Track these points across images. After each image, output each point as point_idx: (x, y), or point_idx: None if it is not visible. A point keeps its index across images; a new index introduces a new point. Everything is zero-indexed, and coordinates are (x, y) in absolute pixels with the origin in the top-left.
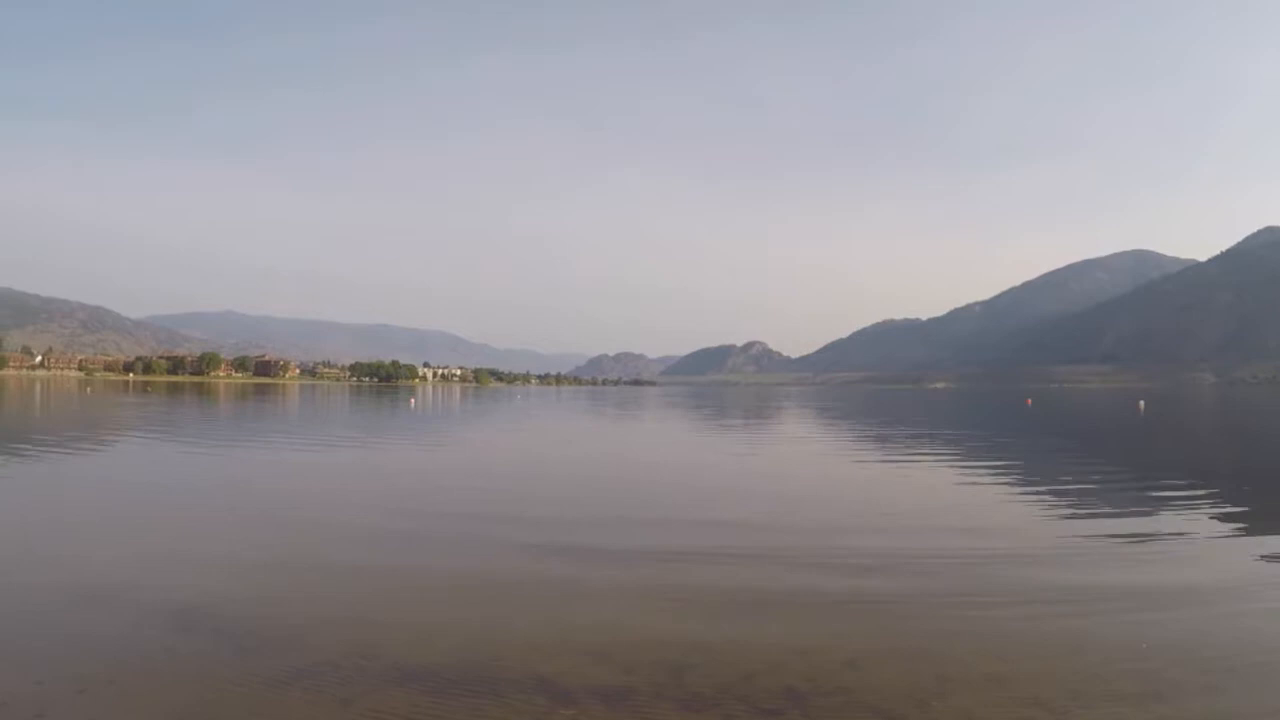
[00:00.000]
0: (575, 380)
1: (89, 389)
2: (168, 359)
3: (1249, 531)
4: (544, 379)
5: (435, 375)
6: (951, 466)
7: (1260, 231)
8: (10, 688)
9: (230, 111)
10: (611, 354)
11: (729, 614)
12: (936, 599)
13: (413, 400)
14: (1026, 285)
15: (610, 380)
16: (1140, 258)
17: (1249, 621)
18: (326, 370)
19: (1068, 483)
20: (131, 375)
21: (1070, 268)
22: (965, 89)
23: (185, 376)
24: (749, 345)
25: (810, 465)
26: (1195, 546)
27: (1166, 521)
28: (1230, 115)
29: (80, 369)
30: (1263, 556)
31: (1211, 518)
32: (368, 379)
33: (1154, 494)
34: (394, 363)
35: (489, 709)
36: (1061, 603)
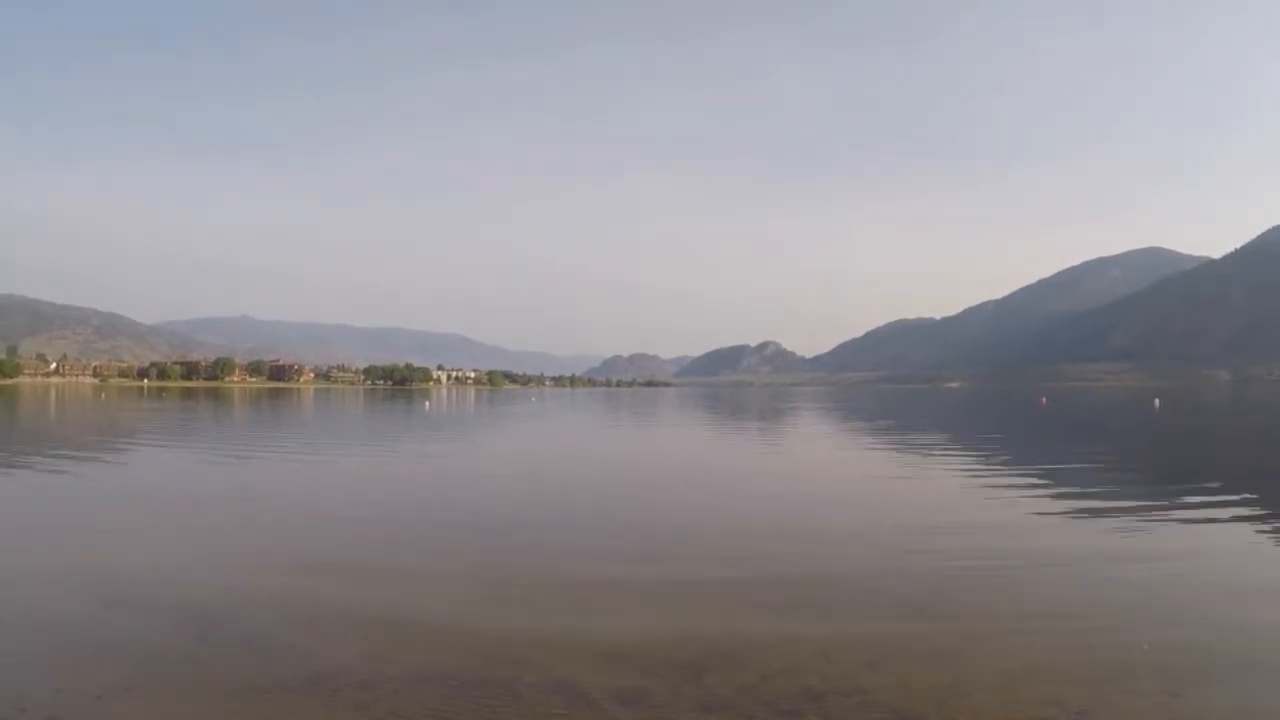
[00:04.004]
0: (590, 382)
1: (104, 395)
2: (182, 364)
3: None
4: (558, 381)
5: (450, 378)
6: (973, 469)
7: (1275, 228)
8: (29, 693)
9: (239, 116)
10: (625, 355)
11: (746, 616)
12: (954, 601)
13: (427, 404)
14: (1040, 283)
15: (625, 381)
16: (1154, 255)
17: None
18: (340, 374)
19: (1094, 487)
20: (146, 381)
21: (1084, 265)
22: (975, 86)
23: (200, 382)
24: (763, 345)
25: (833, 468)
26: (1216, 549)
27: (1188, 525)
28: (1245, 111)
29: (95, 375)
30: None
31: (1237, 520)
32: (381, 382)
33: (1179, 497)
34: (408, 366)
35: (506, 712)
36: (1081, 604)
